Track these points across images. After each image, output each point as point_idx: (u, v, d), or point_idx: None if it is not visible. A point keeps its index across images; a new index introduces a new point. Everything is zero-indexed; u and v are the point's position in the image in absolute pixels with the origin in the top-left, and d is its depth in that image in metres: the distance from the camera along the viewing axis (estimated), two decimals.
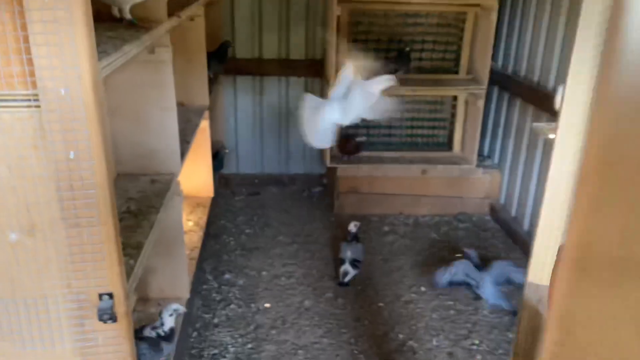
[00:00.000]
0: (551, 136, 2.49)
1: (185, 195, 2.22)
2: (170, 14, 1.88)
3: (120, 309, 1.15)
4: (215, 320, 2.80)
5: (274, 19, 4.07)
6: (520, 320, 1.39)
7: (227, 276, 3.19)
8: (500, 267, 2.85)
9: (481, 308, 2.94)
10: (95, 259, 1.03)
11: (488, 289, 2.81)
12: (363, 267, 3.21)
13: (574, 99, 1.09)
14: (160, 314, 1.83)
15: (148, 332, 1.77)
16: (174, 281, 2.20)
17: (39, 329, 1.13)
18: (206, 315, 2.83)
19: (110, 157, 1.02)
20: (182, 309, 1.89)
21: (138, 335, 1.70)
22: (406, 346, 2.66)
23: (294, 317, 2.84)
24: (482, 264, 2.95)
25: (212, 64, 2.99)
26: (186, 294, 2.27)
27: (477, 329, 2.78)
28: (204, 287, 3.08)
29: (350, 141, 3.75)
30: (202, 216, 3.06)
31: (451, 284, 2.95)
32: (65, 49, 0.97)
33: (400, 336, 2.73)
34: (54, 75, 0.98)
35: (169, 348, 1.83)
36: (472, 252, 3.02)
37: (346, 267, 3.05)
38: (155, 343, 1.74)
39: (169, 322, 1.80)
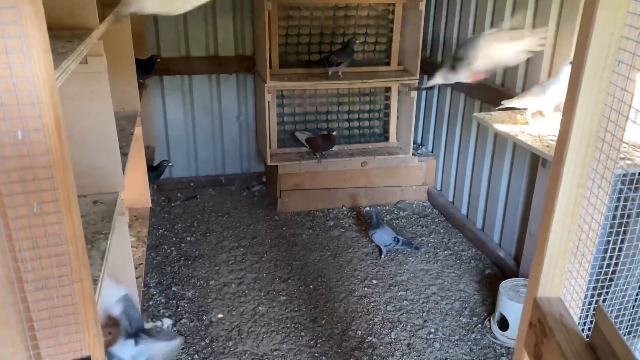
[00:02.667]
0: (498, 127, 2.57)
1: None
2: (102, 18, 1.72)
3: None
4: None
5: (200, 15, 3.89)
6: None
7: (173, 289, 3.04)
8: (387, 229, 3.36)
9: (432, 295, 3.01)
10: (68, 322, 0.89)
11: (380, 236, 3.31)
12: (313, 265, 3.18)
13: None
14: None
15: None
16: None
17: None
18: None
19: (77, 204, 0.89)
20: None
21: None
22: (366, 342, 2.66)
23: (250, 326, 2.76)
24: (378, 222, 3.34)
25: (137, 73, 2.80)
26: None
27: (431, 317, 2.84)
28: (150, 303, 2.91)
29: (330, 136, 3.70)
30: (141, 229, 2.88)
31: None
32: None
33: (359, 332, 2.73)
34: None
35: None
36: (372, 211, 3.36)
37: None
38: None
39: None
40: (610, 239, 1.40)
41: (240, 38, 4.03)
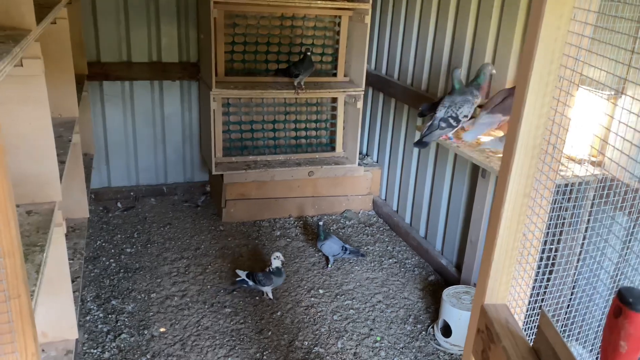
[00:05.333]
0: (443, 139, 2.64)
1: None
2: (39, 19, 1.63)
3: None
4: (106, 355, 2.53)
5: (142, 19, 3.79)
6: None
7: (112, 303, 2.91)
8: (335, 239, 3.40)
9: (377, 304, 3.04)
10: (4, 341, 0.82)
11: (329, 246, 3.34)
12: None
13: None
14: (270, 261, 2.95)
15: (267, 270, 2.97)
16: (60, 323, 1.93)
17: None
18: (94, 351, 2.55)
19: (15, 214, 0.83)
20: (280, 255, 2.99)
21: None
22: (313, 352, 2.65)
23: (194, 339, 2.68)
24: (327, 234, 3.39)
25: None
26: (75, 335, 2.01)
27: (376, 326, 2.87)
28: (87, 318, 2.77)
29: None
30: (78, 241, 2.74)
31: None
32: None
33: (306, 343, 2.71)
34: None
35: (278, 280, 2.97)
36: (321, 223, 3.37)
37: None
38: (268, 277, 2.93)
39: (275, 263, 2.95)
40: (544, 247, 1.46)
41: (185, 44, 3.95)
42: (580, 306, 1.44)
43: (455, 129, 2.61)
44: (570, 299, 1.87)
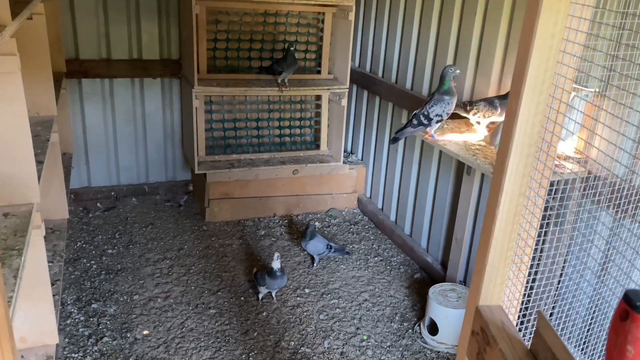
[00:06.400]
0: (426, 138, 2.63)
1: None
2: (14, 15, 1.57)
3: None
4: (87, 359, 2.47)
5: (122, 16, 3.71)
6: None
7: (94, 305, 2.84)
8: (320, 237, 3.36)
9: (364, 302, 3.03)
10: None
11: (314, 245, 3.30)
12: (244, 276, 3.10)
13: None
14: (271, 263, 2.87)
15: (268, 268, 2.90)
16: (39, 328, 1.88)
17: None
18: (75, 355, 2.49)
19: None
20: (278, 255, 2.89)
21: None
22: (299, 353, 2.62)
23: (178, 342, 2.63)
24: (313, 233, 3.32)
25: None
26: (55, 340, 1.95)
27: (363, 324, 2.85)
28: (68, 322, 2.70)
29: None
30: (58, 242, 2.67)
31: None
32: None
33: (292, 343, 2.68)
34: None
35: (273, 283, 2.89)
36: (311, 224, 3.33)
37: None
38: (274, 276, 2.87)
39: (276, 264, 2.86)
40: (535, 247, 1.46)
41: (166, 41, 3.88)
42: (568, 304, 1.44)
43: (427, 128, 2.58)
44: (555, 303, 1.87)
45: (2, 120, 1.60)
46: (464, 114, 2.63)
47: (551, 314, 1.31)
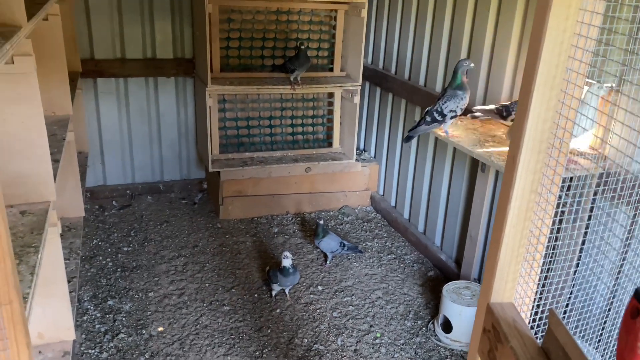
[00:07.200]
0: (440, 134, 2.61)
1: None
2: (30, 15, 1.59)
3: None
4: (104, 355, 2.50)
5: (136, 16, 3.74)
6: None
7: (109, 302, 2.88)
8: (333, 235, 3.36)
9: (377, 300, 3.02)
10: None
11: (327, 243, 3.30)
12: (258, 273, 3.11)
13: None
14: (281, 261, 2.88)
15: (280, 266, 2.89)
16: (56, 324, 1.91)
17: None
18: (92, 351, 2.52)
19: (4, 216, 0.79)
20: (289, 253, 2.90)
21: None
22: (313, 350, 2.63)
23: (192, 338, 2.66)
24: (325, 231, 3.32)
25: None
26: (72, 336, 1.98)
27: (376, 322, 2.85)
28: (84, 318, 2.74)
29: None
30: (74, 240, 2.71)
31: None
32: None
33: (306, 340, 2.69)
34: None
35: (285, 280, 2.90)
36: (321, 222, 3.31)
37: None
38: (286, 273, 2.87)
39: (286, 262, 2.86)
40: (548, 244, 1.44)
41: (179, 40, 3.91)
42: (582, 301, 1.42)
43: (441, 125, 2.55)
44: (569, 300, 1.85)
45: (19, 120, 1.63)
46: (501, 121, 2.59)
47: (564, 312, 1.30)
